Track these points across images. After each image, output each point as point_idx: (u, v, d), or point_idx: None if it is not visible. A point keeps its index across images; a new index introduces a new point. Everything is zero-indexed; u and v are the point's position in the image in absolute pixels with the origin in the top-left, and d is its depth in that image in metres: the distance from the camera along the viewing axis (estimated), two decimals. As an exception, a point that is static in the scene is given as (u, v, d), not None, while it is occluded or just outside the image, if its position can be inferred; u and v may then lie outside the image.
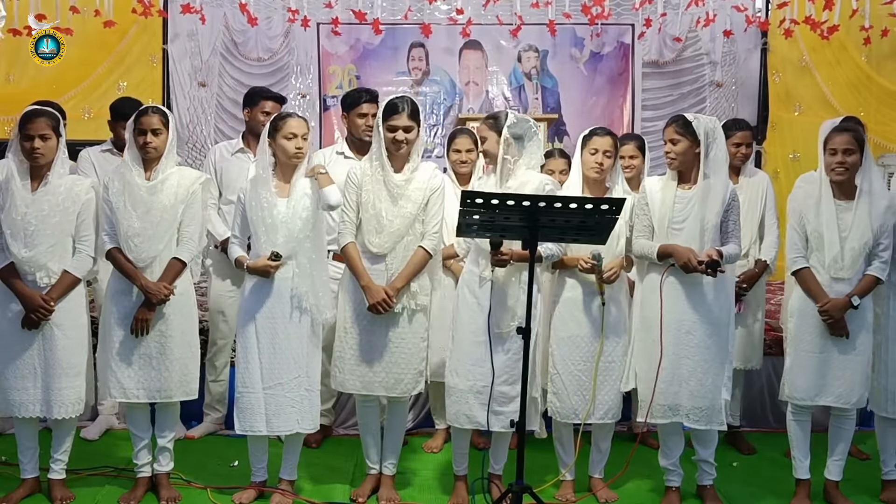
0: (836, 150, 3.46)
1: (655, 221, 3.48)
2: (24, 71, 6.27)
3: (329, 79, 6.70)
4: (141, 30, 6.29)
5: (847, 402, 3.50)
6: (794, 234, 3.56)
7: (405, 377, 3.51)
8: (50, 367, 3.42)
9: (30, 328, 3.40)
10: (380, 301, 3.39)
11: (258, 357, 3.44)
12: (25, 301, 3.37)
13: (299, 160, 3.45)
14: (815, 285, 3.49)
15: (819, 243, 3.50)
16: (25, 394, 3.43)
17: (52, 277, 3.41)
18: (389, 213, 3.45)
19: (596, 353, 3.50)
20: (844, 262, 3.46)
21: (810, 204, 3.53)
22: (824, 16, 5.76)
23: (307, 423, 3.50)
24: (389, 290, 3.41)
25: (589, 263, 3.42)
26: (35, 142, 3.37)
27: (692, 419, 3.45)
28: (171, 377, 3.48)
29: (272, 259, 3.37)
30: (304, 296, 3.43)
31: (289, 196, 3.45)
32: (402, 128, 3.43)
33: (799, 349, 3.55)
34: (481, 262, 3.43)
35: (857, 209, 3.46)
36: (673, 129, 3.49)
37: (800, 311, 3.55)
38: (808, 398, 3.52)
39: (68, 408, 3.45)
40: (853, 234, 3.45)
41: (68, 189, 3.46)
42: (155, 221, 3.43)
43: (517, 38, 6.55)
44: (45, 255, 3.40)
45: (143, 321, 3.43)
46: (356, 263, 3.46)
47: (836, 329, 3.46)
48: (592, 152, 3.50)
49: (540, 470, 3.84)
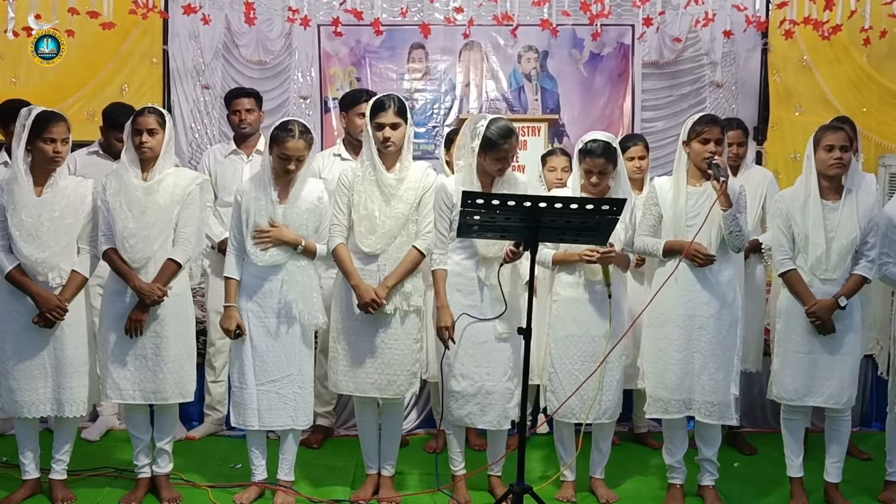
0: (833, 146, 3.47)
1: (669, 220, 3.50)
2: (29, 73, 6.27)
3: (330, 80, 6.70)
4: (142, 32, 6.29)
5: (838, 403, 3.51)
6: (781, 236, 3.57)
7: (398, 378, 3.51)
8: (61, 365, 3.45)
9: (46, 327, 3.42)
10: (369, 301, 3.39)
11: (251, 354, 3.47)
12: (41, 302, 3.39)
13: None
14: (803, 287, 3.50)
15: (805, 244, 3.51)
16: (35, 394, 3.45)
17: (63, 278, 3.44)
18: (382, 214, 3.45)
19: (595, 352, 3.50)
20: (830, 263, 3.47)
21: (796, 205, 3.53)
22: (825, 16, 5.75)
23: (301, 420, 3.52)
24: (380, 289, 3.41)
25: (595, 254, 3.41)
26: (58, 145, 3.39)
27: (704, 414, 3.46)
28: (166, 379, 3.48)
29: (235, 333, 3.46)
30: (293, 303, 3.44)
31: (287, 202, 3.47)
32: (389, 125, 3.43)
33: (787, 350, 3.55)
34: (480, 267, 3.43)
35: (843, 208, 3.48)
36: (720, 131, 3.47)
37: (787, 311, 3.56)
38: (797, 398, 3.53)
39: (79, 406, 3.48)
40: (840, 232, 3.46)
41: (74, 190, 3.48)
42: (150, 222, 3.44)
43: (516, 39, 6.55)
44: (58, 256, 3.42)
45: (137, 322, 3.44)
46: (346, 264, 3.46)
47: (825, 330, 3.47)
48: (586, 173, 3.50)
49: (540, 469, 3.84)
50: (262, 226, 3.44)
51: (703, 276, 3.45)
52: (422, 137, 6.69)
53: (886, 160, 5.99)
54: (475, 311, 3.43)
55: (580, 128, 6.19)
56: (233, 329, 3.46)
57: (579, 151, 3.52)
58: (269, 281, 3.45)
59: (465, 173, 3.45)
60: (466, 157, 3.45)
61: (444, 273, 3.45)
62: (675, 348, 3.46)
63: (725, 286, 3.47)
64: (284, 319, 3.46)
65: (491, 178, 3.47)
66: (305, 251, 3.46)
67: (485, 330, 3.42)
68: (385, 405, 3.66)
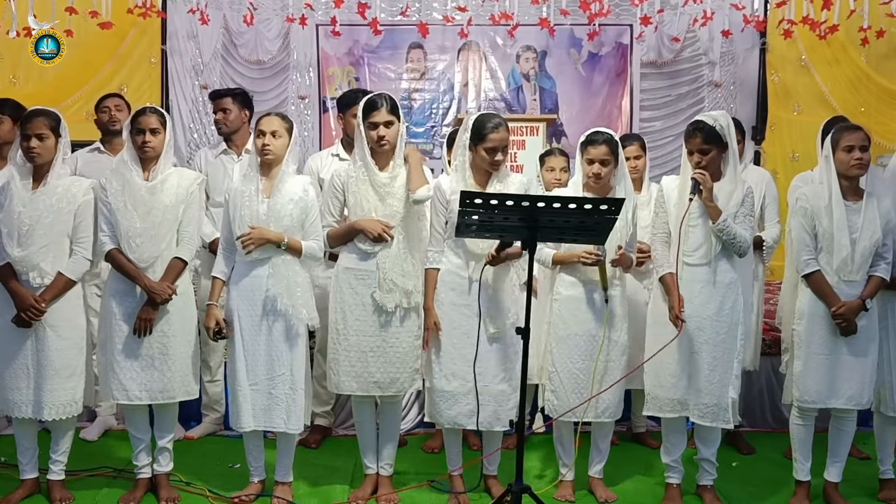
0: (854, 146, 3.45)
1: (671, 220, 3.49)
2: (28, 74, 6.28)
3: (328, 80, 6.70)
4: (141, 32, 6.30)
5: (858, 404, 3.50)
6: (805, 235, 3.52)
7: (401, 376, 3.52)
8: (42, 368, 3.42)
9: (23, 327, 3.40)
10: (381, 230, 3.41)
11: (243, 355, 3.46)
12: (17, 300, 3.38)
13: (266, 158, 3.44)
14: (828, 288, 3.47)
15: (829, 245, 3.48)
16: (19, 394, 3.43)
17: (46, 278, 3.41)
18: (377, 213, 3.46)
19: (595, 351, 3.50)
20: (855, 264, 3.45)
21: (821, 205, 3.50)
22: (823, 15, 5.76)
23: (293, 423, 3.47)
24: (383, 222, 3.43)
25: (592, 258, 3.41)
26: (31, 141, 3.38)
27: (698, 415, 3.46)
28: (173, 377, 3.49)
29: (217, 335, 3.46)
30: (279, 296, 3.43)
31: (271, 196, 3.46)
32: (383, 123, 3.43)
33: (809, 352, 3.51)
34: (470, 265, 3.44)
35: (865, 209, 3.46)
36: (702, 140, 3.40)
37: (810, 313, 3.52)
38: (819, 401, 3.50)
39: (59, 409, 3.43)
40: (864, 234, 3.44)
41: (66, 189, 3.46)
42: (157, 221, 3.44)
43: (515, 39, 6.55)
44: (38, 255, 3.39)
45: (147, 321, 3.43)
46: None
47: (848, 331, 3.45)
48: (588, 162, 3.50)
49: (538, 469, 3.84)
50: (247, 218, 3.42)
51: (704, 278, 3.43)
52: (420, 137, 6.70)
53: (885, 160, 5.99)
54: (467, 309, 3.43)
55: (579, 127, 6.20)
56: (212, 327, 3.45)
57: (581, 144, 3.53)
58: (256, 276, 3.44)
59: (459, 171, 3.46)
60: (460, 155, 3.47)
61: (437, 273, 3.46)
62: (672, 348, 3.45)
63: (726, 288, 3.44)
64: (271, 315, 3.43)
65: (486, 175, 3.47)
66: (289, 248, 3.44)
67: (475, 329, 3.41)
68: (383, 405, 3.66)
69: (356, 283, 3.50)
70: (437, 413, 3.50)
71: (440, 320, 3.44)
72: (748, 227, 3.46)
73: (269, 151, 3.42)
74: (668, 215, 3.51)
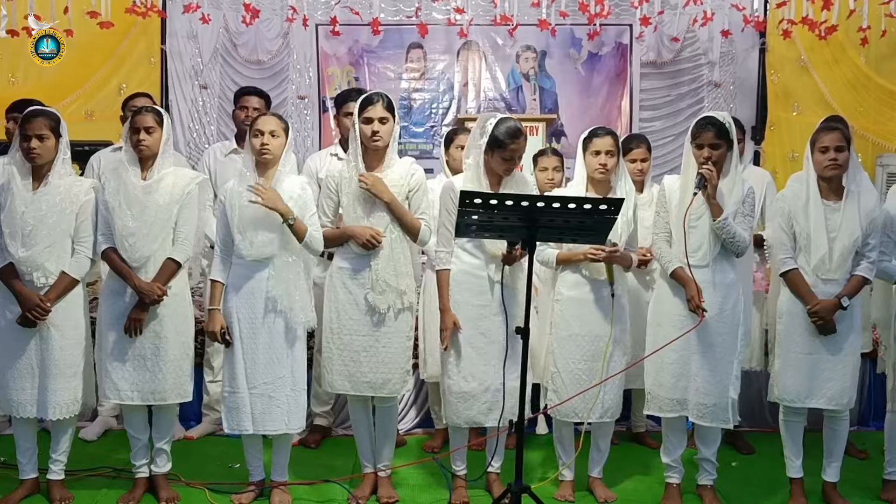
0: (828, 147, 3.46)
1: (672, 219, 3.49)
2: (27, 73, 6.27)
3: (328, 80, 6.70)
4: (140, 32, 6.29)
5: (839, 404, 3.50)
6: (783, 235, 3.55)
7: (393, 377, 3.51)
8: (46, 367, 3.42)
9: (28, 327, 3.40)
10: (369, 237, 3.41)
11: (242, 358, 3.45)
12: (22, 301, 3.38)
13: (264, 157, 3.44)
14: (804, 286, 3.49)
15: (807, 244, 3.49)
16: (23, 394, 3.44)
17: (50, 278, 3.42)
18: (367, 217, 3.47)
19: (597, 351, 3.50)
20: (833, 263, 3.45)
21: (798, 205, 3.52)
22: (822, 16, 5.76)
23: (294, 423, 3.49)
24: (373, 230, 3.42)
25: (600, 253, 3.40)
26: (32, 142, 3.38)
27: (697, 415, 3.46)
28: (165, 379, 3.48)
29: (222, 337, 3.44)
30: (280, 298, 3.42)
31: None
32: (378, 118, 3.43)
33: (788, 350, 3.54)
34: (490, 266, 3.43)
35: (845, 209, 3.46)
36: (714, 135, 3.39)
37: (788, 312, 3.55)
38: (798, 400, 3.52)
39: (63, 408, 3.44)
40: (842, 233, 3.45)
41: (67, 189, 3.46)
42: (149, 221, 3.43)
43: (515, 39, 6.55)
44: (42, 255, 3.40)
45: (137, 321, 3.43)
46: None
47: (826, 330, 3.47)
48: (595, 154, 3.50)
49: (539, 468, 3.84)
50: (245, 218, 3.40)
51: (704, 278, 3.43)
52: (420, 137, 6.70)
53: (884, 160, 6.01)
54: (486, 310, 3.43)
55: (578, 127, 6.18)
56: (217, 331, 3.44)
57: (584, 139, 3.53)
58: (257, 278, 3.43)
59: (473, 172, 3.45)
60: (474, 156, 3.46)
61: (448, 273, 3.45)
62: (671, 347, 3.45)
63: (727, 288, 3.45)
64: (272, 318, 3.43)
65: (499, 177, 3.47)
66: (294, 228, 3.40)
67: (494, 328, 3.42)
68: (378, 405, 3.64)
69: (350, 282, 3.50)
70: (453, 413, 3.50)
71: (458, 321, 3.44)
72: (747, 227, 3.46)
73: (268, 151, 3.42)
74: (670, 214, 3.52)
